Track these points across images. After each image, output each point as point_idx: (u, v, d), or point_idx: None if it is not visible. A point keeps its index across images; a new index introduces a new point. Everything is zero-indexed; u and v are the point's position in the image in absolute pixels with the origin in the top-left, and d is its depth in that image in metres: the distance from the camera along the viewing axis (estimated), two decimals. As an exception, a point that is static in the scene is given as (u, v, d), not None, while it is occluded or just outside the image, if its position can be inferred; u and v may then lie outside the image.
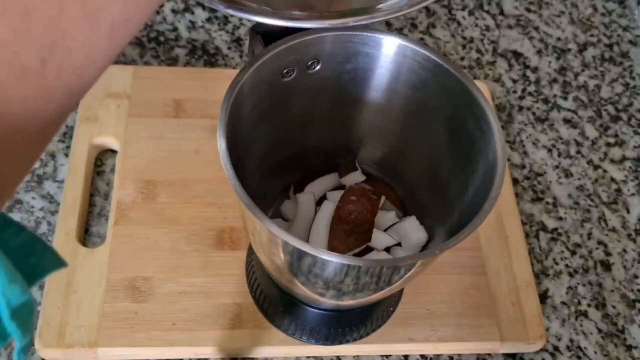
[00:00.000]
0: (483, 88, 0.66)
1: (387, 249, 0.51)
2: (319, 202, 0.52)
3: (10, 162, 0.19)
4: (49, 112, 0.19)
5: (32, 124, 0.19)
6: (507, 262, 0.56)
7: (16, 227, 0.21)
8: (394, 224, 0.52)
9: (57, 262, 0.22)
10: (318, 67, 0.42)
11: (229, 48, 0.67)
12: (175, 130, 0.58)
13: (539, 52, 0.73)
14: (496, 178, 0.38)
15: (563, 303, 0.56)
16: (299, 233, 0.50)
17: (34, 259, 0.21)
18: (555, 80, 0.71)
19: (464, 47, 0.72)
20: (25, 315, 0.21)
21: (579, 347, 0.54)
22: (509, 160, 0.64)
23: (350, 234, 0.49)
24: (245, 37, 0.68)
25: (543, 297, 0.56)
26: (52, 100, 0.19)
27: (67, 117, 0.21)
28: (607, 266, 0.59)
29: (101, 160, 0.58)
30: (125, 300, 0.50)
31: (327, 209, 0.50)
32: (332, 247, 0.49)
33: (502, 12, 0.76)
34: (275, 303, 0.50)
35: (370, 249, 0.51)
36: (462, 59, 0.71)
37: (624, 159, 0.66)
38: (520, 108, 0.68)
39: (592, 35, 0.75)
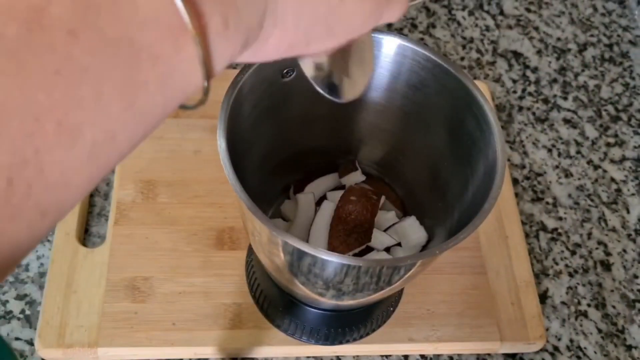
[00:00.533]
0: (483, 88, 0.66)
1: (387, 249, 0.51)
2: (319, 202, 0.52)
3: None
4: (18, 232, 0.17)
5: None
6: (507, 262, 0.56)
7: None
8: (393, 224, 0.52)
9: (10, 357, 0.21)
10: (318, 67, 0.42)
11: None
12: (175, 130, 0.58)
13: (539, 52, 0.73)
14: (496, 178, 0.38)
15: (563, 303, 0.56)
16: (299, 233, 0.50)
17: None
18: (555, 80, 0.71)
19: (464, 47, 0.72)
20: None
21: (579, 347, 0.54)
22: (509, 160, 0.64)
23: (350, 234, 0.49)
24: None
25: (543, 297, 0.56)
26: (21, 220, 0.17)
27: (43, 237, 0.19)
28: (607, 266, 0.59)
29: (101, 160, 0.58)
30: (125, 300, 0.50)
31: (327, 209, 0.50)
32: (332, 247, 0.49)
33: (502, 12, 0.76)
34: (275, 303, 0.50)
35: (370, 249, 0.51)
36: (462, 59, 0.71)
37: (624, 159, 0.66)
38: (520, 108, 0.68)
39: (592, 35, 0.75)
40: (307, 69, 0.31)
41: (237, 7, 0.20)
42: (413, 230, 0.50)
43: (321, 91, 0.32)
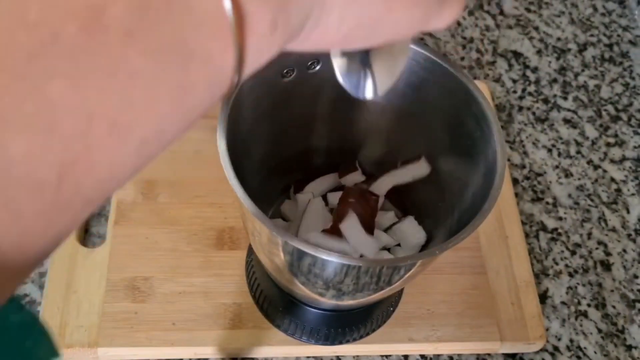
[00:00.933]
0: (483, 88, 0.66)
1: (388, 249, 0.51)
2: (319, 202, 0.52)
3: (13, 278, 0.18)
4: (65, 223, 0.18)
5: (42, 236, 0.18)
6: (507, 262, 0.56)
7: (18, 304, 0.20)
8: (392, 225, 0.52)
9: (52, 352, 0.21)
10: (318, 67, 0.42)
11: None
12: (175, 130, 0.58)
13: (539, 52, 0.73)
14: (496, 178, 0.38)
15: (563, 303, 0.56)
16: (299, 233, 0.50)
17: (29, 343, 0.20)
18: (555, 80, 0.71)
19: (464, 47, 0.72)
20: None
21: (579, 347, 0.54)
22: (509, 160, 0.64)
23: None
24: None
25: (543, 297, 0.56)
26: (67, 212, 0.18)
27: (84, 219, 0.19)
28: (607, 266, 0.59)
29: (101, 160, 0.58)
30: (125, 300, 0.50)
31: (317, 204, 0.50)
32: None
33: (502, 12, 0.76)
34: (275, 303, 0.50)
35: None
36: (462, 59, 0.71)
37: (624, 159, 0.66)
38: (520, 108, 0.68)
39: (592, 35, 0.75)
40: (336, 60, 0.31)
41: (288, 11, 0.20)
42: (412, 230, 0.50)
43: (343, 84, 0.31)
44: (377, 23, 0.25)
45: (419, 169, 0.49)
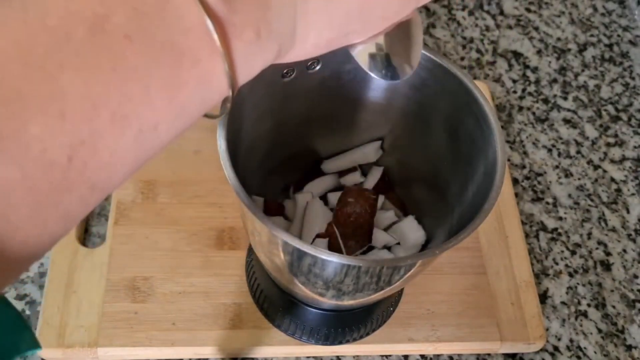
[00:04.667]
0: (483, 88, 0.66)
1: (388, 247, 0.51)
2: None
3: (25, 250, 0.20)
4: (71, 203, 0.20)
5: (52, 212, 0.20)
6: (507, 262, 0.56)
7: (4, 300, 0.21)
8: (392, 224, 0.52)
9: (34, 344, 0.23)
10: (318, 67, 0.42)
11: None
12: (175, 130, 0.58)
13: (539, 52, 0.73)
14: (496, 178, 0.38)
15: (563, 303, 0.56)
16: (299, 233, 0.50)
17: (14, 337, 0.22)
18: (555, 80, 0.71)
19: (464, 47, 0.72)
20: None
21: (579, 347, 0.54)
22: (509, 160, 0.64)
23: (351, 237, 0.49)
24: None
25: (543, 297, 0.56)
26: (74, 192, 0.20)
27: (90, 210, 0.22)
28: (607, 266, 0.59)
29: (101, 160, 0.58)
30: (125, 300, 0.50)
31: (317, 205, 0.51)
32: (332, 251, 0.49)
33: (502, 12, 0.76)
34: (275, 303, 0.50)
35: (370, 247, 0.50)
36: (462, 59, 0.71)
37: (624, 159, 0.66)
38: (520, 108, 0.68)
39: (592, 35, 0.75)
40: (358, 56, 0.31)
41: (267, 19, 0.23)
42: (411, 230, 0.50)
43: (375, 76, 0.32)
44: (365, 10, 0.26)
45: (367, 154, 0.51)
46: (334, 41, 0.27)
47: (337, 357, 0.51)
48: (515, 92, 0.69)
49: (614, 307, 0.57)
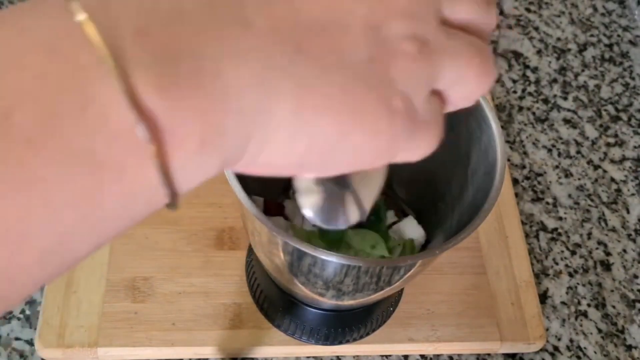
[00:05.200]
0: (483, 88, 0.66)
1: (387, 249, 0.51)
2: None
3: None
4: None
5: None
6: (507, 262, 0.56)
7: None
8: (392, 225, 0.52)
9: None
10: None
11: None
12: (175, 130, 0.58)
13: (539, 52, 0.73)
14: (496, 178, 0.38)
15: (563, 303, 0.56)
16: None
17: None
18: (555, 80, 0.71)
19: (464, 47, 0.72)
20: None
21: (579, 347, 0.54)
22: (509, 160, 0.64)
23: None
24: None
25: (543, 297, 0.56)
26: None
27: None
28: (607, 266, 0.59)
29: (101, 160, 0.58)
30: (125, 300, 0.50)
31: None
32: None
33: (502, 12, 0.76)
34: (275, 303, 0.50)
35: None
36: (462, 59, 0.71)
37: (624, 159, 0.66)
38: (520, 108, 0.68)
39: (592, 35, 0.75)
40: (299, 187, 0.28)
41: (220, 128, 0.19)
42: (411, 230, 0.50)
43: (311, 218, 0.28)
44: (332, 149, 0.22)
45: None
46: (286, 170, 0.23)
47: (337, 357, 0.51)
48: (515, 92, 0.69)
49: (614, 307, 0.57)
